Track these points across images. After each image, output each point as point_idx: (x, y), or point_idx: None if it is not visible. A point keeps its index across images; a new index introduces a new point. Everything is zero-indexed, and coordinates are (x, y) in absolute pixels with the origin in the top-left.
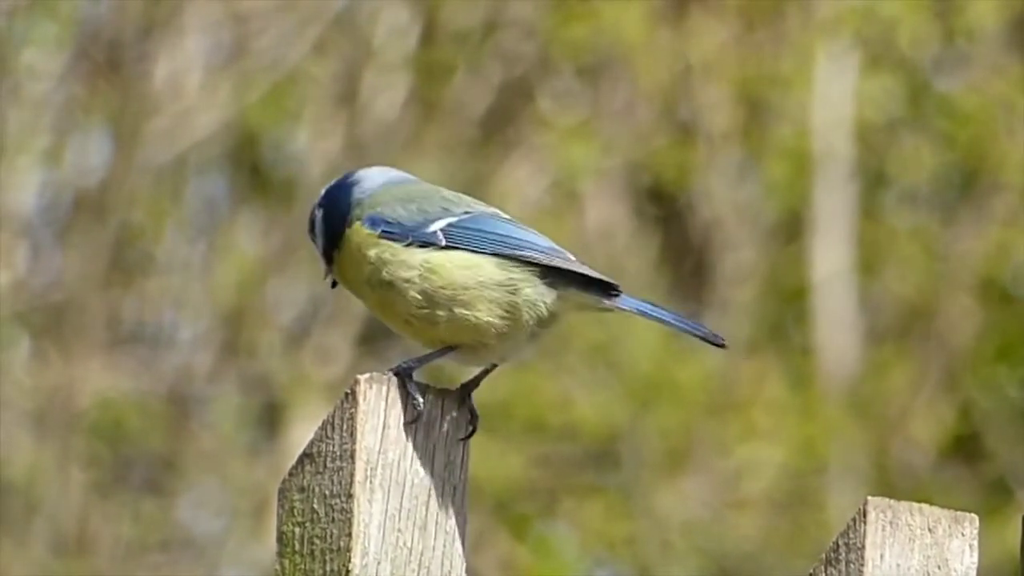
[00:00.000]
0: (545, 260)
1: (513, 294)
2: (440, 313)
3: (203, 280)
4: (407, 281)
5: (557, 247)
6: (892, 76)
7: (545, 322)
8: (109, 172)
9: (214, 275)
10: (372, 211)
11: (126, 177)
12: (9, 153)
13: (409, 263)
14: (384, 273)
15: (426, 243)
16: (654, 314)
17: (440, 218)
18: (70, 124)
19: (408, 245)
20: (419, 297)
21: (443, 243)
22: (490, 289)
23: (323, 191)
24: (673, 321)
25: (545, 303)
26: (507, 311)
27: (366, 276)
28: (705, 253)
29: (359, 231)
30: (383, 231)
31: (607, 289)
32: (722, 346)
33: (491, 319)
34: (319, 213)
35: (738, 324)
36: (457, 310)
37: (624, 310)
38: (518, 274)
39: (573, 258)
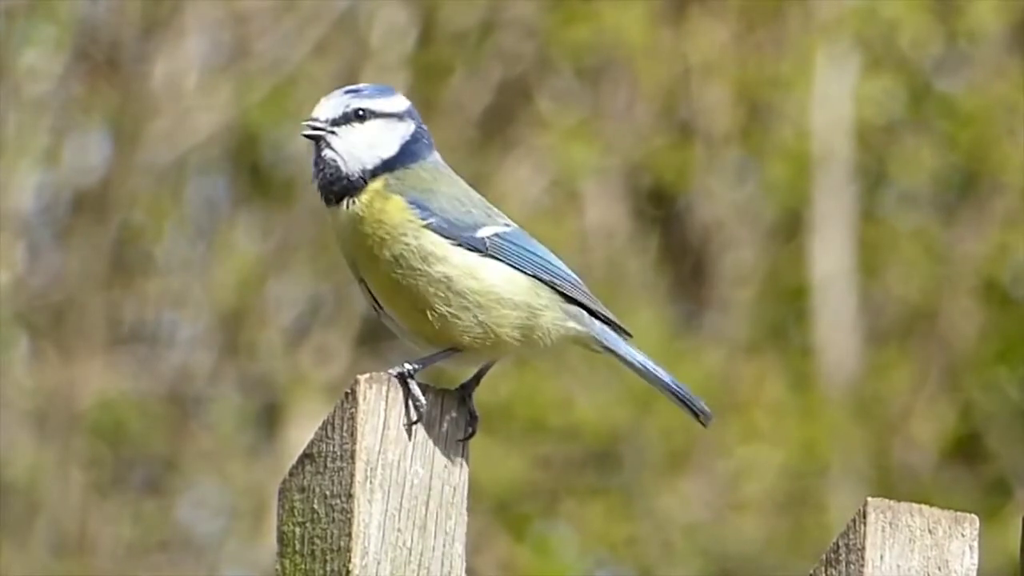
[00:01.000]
0: (575, 294)
1: (535, 317)
2: (462, 316)
3: (203, 280)
4: (446, 277)
5: (577, 277)
6: (893, 77)
7: (547, 347)
8: (109, 172)
9: (214, 275)
10: (415, 192)
11: (126, 177)
12: (9, 153)
13: (452, 261)
14: (419, 262)
15: (473, 248)
16: (654, 373)
17: (486, 225)
18: (70, 124)
19: (456, 244)
20: (448, 295)
21: (487, 251)
22: (519, 309)
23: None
24: (671, 384)
25: (558, 331)
26: (524, 332)
27: (391, 254)
28: (705, 253)
29: (396, 205)
30: (432, 223)
31: (618, 331)
32: (705, 424)
33: (509, 336)
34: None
35: (738, 324)
36: (482, 317)
37: (625, 360)
38: (545, 300)
39: (587, 291)
